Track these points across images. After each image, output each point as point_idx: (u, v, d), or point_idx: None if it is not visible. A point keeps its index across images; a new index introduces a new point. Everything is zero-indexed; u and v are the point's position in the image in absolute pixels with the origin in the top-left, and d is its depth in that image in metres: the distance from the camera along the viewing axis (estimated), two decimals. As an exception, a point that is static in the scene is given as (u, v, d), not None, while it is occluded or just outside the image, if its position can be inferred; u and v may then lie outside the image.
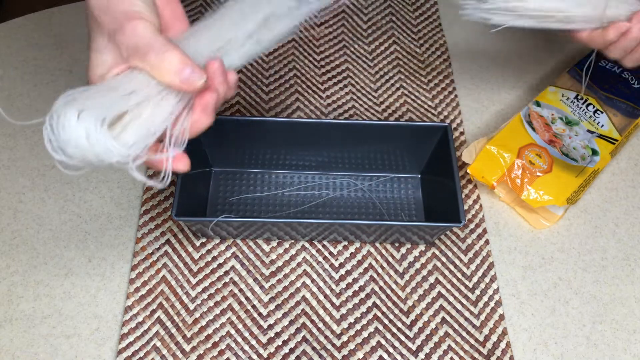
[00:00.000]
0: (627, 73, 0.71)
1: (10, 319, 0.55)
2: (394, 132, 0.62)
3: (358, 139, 0.62)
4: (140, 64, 0.43)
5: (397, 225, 0.58)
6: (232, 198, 0.62)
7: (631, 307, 0.59)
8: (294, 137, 0.61)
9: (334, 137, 0.62)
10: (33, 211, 0.62)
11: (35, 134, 0.68)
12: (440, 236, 0.61)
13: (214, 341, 0.55)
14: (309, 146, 0.62)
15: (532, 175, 0.62)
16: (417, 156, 0.63)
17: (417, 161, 0.64)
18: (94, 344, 0.54)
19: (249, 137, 0.62)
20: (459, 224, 0.55)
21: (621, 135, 0.67)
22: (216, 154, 0.63)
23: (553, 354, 0.56)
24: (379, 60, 0.76)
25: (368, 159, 0.64)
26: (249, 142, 0.62)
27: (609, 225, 0.64)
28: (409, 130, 0.62)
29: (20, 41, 0.75)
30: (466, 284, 0.59)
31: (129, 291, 0.57)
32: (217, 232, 0.59)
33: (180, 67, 0.42)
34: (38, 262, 0.59)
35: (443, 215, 0.58)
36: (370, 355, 0.55)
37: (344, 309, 0.57)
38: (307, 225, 0.57)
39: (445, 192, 0.58)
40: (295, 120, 0.66)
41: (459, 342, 0.56)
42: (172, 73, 0.42)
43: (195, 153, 0.58)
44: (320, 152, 0.63)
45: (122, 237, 0.61)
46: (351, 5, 0.82)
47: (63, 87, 0.71)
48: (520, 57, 0.77)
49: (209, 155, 0.63)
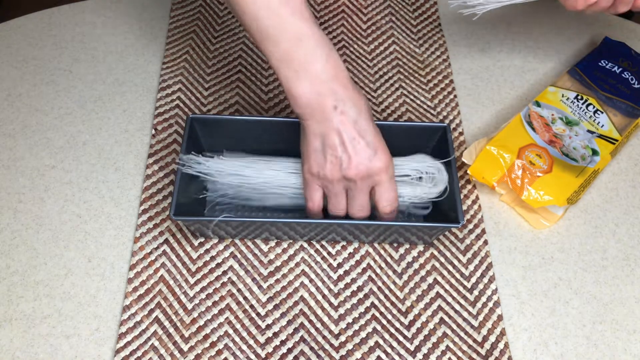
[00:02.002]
0: (627, 73, 0.71)
1: (10, 319, 0.56)
2: (393, 132, 0.61)
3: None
4: None
5: (396, 225, 0.58)
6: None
7: (631, 307, 0.58)
8: (295, 137, 0.61)
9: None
10: (33, 211, 0.62)
11: (36, 133, 0.68)
12: (439, 237, 0.61)
13: (212, 341, 0.55)
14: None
15: (532, 175, 0.62)
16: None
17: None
18: (94, 344, 0.55)
19: (248, 136, 0.62)
20: (458, 225, 0.55)
21: (621, 135, 0.66)
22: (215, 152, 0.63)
23: (553, 354, 0.55)
24: (378, 60, 0.76)
25: None
26: (248, 142, 0.62)
27: (609, 225, 0.64)
28: (408, 131, 0.62)
29: (20, 41, 0.75)
30: (464, 284, 0.59)
31: (127, 291, 0.57)
32: (216, 232, 0.59)
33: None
34: (38, 262, 0.59)
35: (442, 216, 0.58)
36: (369, 355, 0.55)
37: (342, 309, 0.57)
38: (306, 225, 0.57)
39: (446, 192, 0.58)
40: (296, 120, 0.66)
41: (457, 343, 0.55)
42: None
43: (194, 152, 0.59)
44: None
45: (122, 237, 0.61)
46: (351, 5, 0.82)
47: (63, 87, 0.72)
48: (520, 57, 0.77)
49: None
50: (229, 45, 0.76)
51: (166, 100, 0.70)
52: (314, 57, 0.50)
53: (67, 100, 0.71)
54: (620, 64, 0.72)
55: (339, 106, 0.51)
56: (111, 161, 0.66)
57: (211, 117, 0.65)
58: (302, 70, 0.50)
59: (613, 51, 0.74)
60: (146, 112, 0.70)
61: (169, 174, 0.65)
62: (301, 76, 0.50)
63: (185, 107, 0.70)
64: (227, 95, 0.71)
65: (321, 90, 0.50)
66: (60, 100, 0.71)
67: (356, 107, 0.52)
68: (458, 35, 0.79)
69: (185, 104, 0.70)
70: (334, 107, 0.51)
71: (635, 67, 0.72)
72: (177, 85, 0.72)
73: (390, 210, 0.55)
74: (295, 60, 0.50)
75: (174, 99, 0.71)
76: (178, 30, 0.77)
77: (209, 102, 0.71)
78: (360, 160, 0.52)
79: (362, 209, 0.55)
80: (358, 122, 0.52)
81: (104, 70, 0.74)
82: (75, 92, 0.72)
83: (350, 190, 0.54)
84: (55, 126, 0.69)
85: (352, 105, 0.51)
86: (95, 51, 0.75)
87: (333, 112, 0.51)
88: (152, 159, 0.66)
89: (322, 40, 0.51)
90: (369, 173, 0.53)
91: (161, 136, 0.68)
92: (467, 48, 0.78)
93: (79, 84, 0.73)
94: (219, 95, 0.71)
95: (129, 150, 0.67)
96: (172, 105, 0.70)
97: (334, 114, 0.51)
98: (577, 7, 0.60)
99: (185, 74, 0.73)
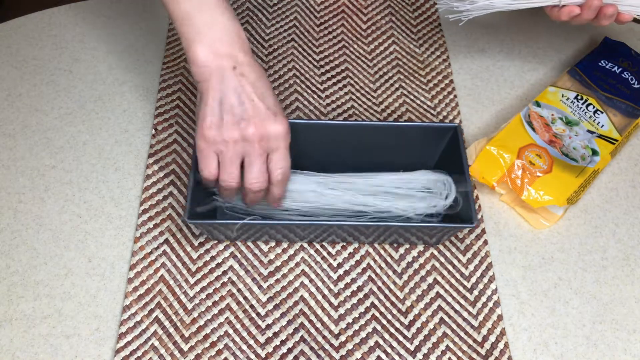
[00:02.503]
0: (627, 73, 0.71)
1: (10, 319, 0.56)
2: (402, 133, 0.61)
3: (367, 141, 0.61)
4: None
5: (407, 226, 0.57)
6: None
7: (631, 307, 0.58)
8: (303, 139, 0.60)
9: (343, 138, 0.61)
10: (33, 211, 0.62)
11: (36, 133, 0.68)
12: (450, 237, 0.60)
13: (212, 341, 0.55)
14: (318, 148, 0.61)
15: (532, 175, 0.62)
16: (426, 157, 0.63)
17: (426, 162, 0.63)
18: (94, 344, 0.55)
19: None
20: (472, 225, 0.55)
21: (621, 135, 0.66)
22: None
23: (553, 354, 0.55)
24: (378, 60, 0.76)
25: (377, 161, 0.63)
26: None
27: (609, 225, 0.64)
28: (418, 131, 0.62)
29: (20, 41, 0.75)
30: (464, 284, 0.59)
31: (127, 290, 0.57)
32: (229, 235, 0.58)
33: None
34: (38, 262, 0.59)
35: (450, 217, 0.58)
36: (369, 355, 0.55)
37: (342, 309, 0.57)
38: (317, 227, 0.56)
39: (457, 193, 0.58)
40: (303, 121, 0.65)
41: (457, 343, 0.55)
42: None
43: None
44: (330, 154, 0.62)
45: (122, 237, 0.61)
46: (351, 5, 0.82)
47: (63, 87, 0.72)
48: (520, 57, 0.77)
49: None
50: (229, 45, 0.76)
51: (166, 100, 0.70)
52: (214, 21, 0.51)
53: (67, 100, 0.71)
54: (620, 64, 0.72)
55: (237, 67, 0.51)
56: (111, 161, 0.66)
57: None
58: (202, 32, 0.51)
59: (613, 51, 0.74)
60: (146, 112, 0.70)
61: (169, 174, 0.65)
62: (202, 38, 0.50)
63: (185, 107, 0.70)
64: (227, 95, 0.71)
65: (221, 52, 0.51)
66: (60, 100, 0.71)
67: (255, 72, 0.52)
68: (458, 35, 0.79)
69: (185, 104, 0.70)
70: (233, 67, 0.51)
71: (635, 67, 0.72)
72: (177, 85, 0.72)
73: (282, 179, 0.54)
74: (196, 23, 0.51)
75: (174, 99, 0.71)
76: (178, 30, 0.77)
77: (209, 102, 0.71)
78: (260, 120, 0.51)
79: (259, 179, 0.53)
80: (257, 86, 0.51)
81: (104, 70, 0.74)
82: (75, 92, 0.72)
83: (247, 156, 0.52)
84: (55, 126, 0.69)
85: (251, 69, 0.51)
86: (95, 51, 0.75)
87: (232, 72, 0.51)
88: (152, 159, 0.66)
89: (223, 5, 0.52)
90: (268, 136, 0.51)
91: (161, 136, 0.68)
92: (467, 48, 0.78)
93: (79, 84, 0.73)
94: (219, 95, 0.71)
95: (129, 150, 0.67)
96: (172, 105, 0.70)
97: (233, 73, 0.51)
98: (561, 18, 0.62)
99: (185, 74, 0.73)
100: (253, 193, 0.54)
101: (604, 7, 0.60)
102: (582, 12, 0.61)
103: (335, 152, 0.62)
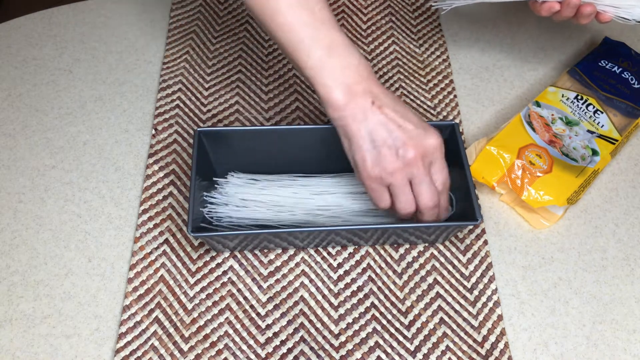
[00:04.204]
0: (627, 73, 0.71)
1: (10, 319, 0.56)
2: None
3: None
4: None
5: (416, 225, 0.57)
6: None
7: (631, 307, 0.58)
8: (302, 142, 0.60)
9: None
10: (33, 211, 0.62)
11: (36, 133, 0.68)
12: (454, 234, 0.60)
13: (212, 341, 0.55)
14: (317, 150, 0.61)
15: (532, 175, 0.62)
16: None
17: None
18: (94, 344, 0.55)
19: (252, 146, 0.61)
20: (476, 222, 0.55)
21: (621, 135, 0.66)
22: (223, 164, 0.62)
23: (553, 354, 0.55)
24: (378, 60, 0.76)
25: None
26: (252, 151, 0.61)
27: (609, 225, 0.64)
28: None
29: (20, 41, 0.75)
30: (465, 284, 0.59)
31: (127, 290, 0.57)
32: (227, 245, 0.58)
33: None
34: (38, 262, 0.59)
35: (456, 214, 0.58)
36: (369, 355, 0.55)
37: (342, 309, 0.57)
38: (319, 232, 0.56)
39: (457, 190, 0.58)
40: (300, 127, 0.65)
41: (457, 343, 0.55)
42: None
43: (203, 164, 0.58)
44: (329, 155, 0.62)
45: (122, 237, 0.61)
46: (351, 5, 0.82)
47: (63, 87, 0.72)
48: (520, 57, 0.77)
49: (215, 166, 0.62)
50: (229, 45, 0.76)
51: (166, 100, 0.71)
52: (347, 63, 0.52)
53: (67, 100, 0.71)
54: (620, 64, 0.72)
55: (376, 101, 0.52)
56: (111, 161, 0.66)
57: (220, 129, 0.62)
58: (336, 77, 0.51)
59: (613, 51, 0.74)
60: (146, 112, 0.70)
61: (169, 174, 0.65)
62: (337, 82, 0.51)
63: (185, 107, 0.70)
64: (227, 95, 0.71)
65: (357, 91, 0.51)
66: (60, 100, 0.71)
67: (389, 98, 0.53)
68: (458, 35, 0.79)
69: (185, 104, 0.70)
70: (372, 102, 0.52)
71: (635, 67, 0.72)
72: (177, 85, 0.72)
73: (443, 189, 0.55)
74: (329, 68, 0.51)
75: (174, 99, 0.71)
76: (178, 30, 0.77)
77: (209, 102, 0.71)
78: (415, 141, 0.52)
79: (432, 197, 0.54)
80: (397, 110, 0.52)
81: (104, 70, 0.74)
82: (75, 92, 0.72)
83: (414, 177, 0.53)
84: (55, 126, 0.69)
85: (385, 97, 0.53)
86: (95, 51, 0.75)
87: (372, 107, 0.52)
88: (152, 159, 0.66)
89: (350, 45, 0.52)
90: (426, 152, 0.53)
91: (161, 136, 0.68)
92: (467, 48, 0.78)
93: (79, 84, 0.73)
94: (219, 95, 0.71)
95: (129, 150, 0.67)
96: (172, 106, 0.70)
97: (373, 108, 0.52)
98: (541, 13, 0.63)
99: (185, 74, 0.73)
100: (429, 210, 0.55)
101: (582, 6, 0.61)
102: (561, 9, 0.62)
103: (335, 152, 0.62)
